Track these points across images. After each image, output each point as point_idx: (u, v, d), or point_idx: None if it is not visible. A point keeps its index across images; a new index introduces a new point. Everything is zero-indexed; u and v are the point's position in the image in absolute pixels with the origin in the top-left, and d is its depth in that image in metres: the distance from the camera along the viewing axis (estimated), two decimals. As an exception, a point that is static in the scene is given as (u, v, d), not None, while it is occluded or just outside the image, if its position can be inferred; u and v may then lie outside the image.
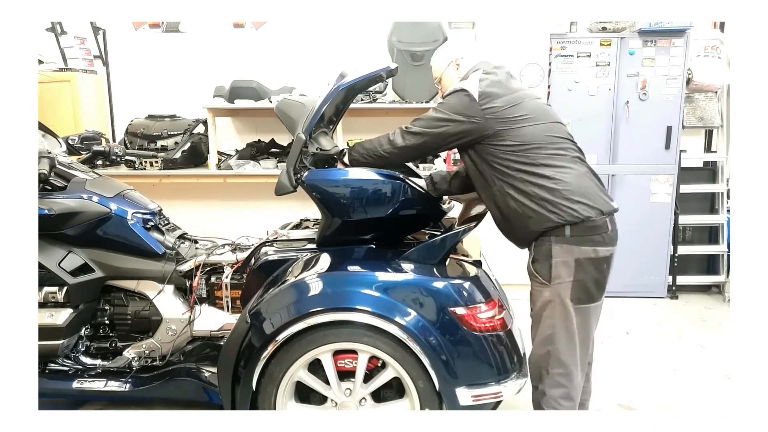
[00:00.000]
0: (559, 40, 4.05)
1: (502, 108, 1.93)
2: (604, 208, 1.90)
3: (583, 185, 1.91)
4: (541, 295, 1.95)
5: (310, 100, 2.26)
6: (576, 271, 1.88)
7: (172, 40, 4.57)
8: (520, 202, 1.92)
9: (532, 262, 1.98)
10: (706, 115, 4.37)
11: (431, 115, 2.00)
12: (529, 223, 1.93)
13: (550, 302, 1.92)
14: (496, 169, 1.96)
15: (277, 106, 2.26)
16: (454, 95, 1.98)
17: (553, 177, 1.89)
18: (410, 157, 2.15)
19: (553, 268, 1.90)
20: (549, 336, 1.94)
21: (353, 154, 2.14)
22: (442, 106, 1.99)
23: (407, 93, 4.03)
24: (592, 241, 1.88)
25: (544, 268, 1.92)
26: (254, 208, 4.41)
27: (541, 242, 1.93)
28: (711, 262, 4.49)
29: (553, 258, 1.89)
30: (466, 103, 1.94)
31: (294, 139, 2.11)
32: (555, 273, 1.90)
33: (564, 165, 1.92)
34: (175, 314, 2.40)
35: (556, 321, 1.92)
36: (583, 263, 1.88)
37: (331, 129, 2.51)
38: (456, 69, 2.17)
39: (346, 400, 2.01)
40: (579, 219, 1.85)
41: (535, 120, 1.95)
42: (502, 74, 2.04)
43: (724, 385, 2.90)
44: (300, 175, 2.10)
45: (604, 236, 1.90)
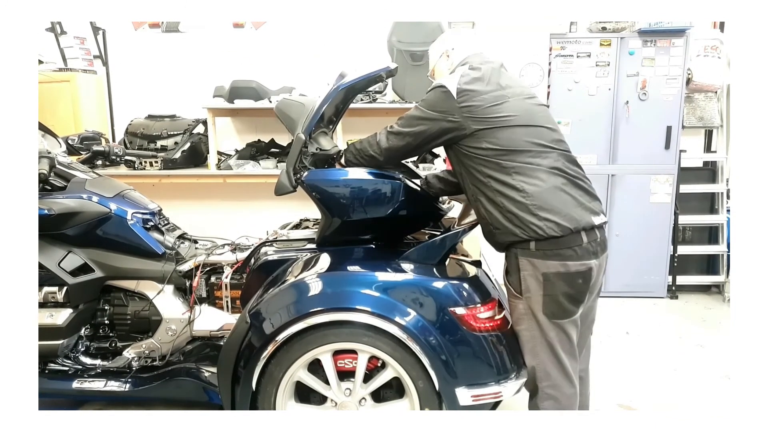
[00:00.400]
0: (559, 40, 4.05)
1: (481, 107, 1.83)
2: (578, 223, 1.78)
3: (554, 200, 1.79)
4: (516, 308, 1.91)
5: (310, 100, 2.26)
6: (545, 285, 1.81)
7: (172, 40, 4.57)
8: (489, 211, 1.87)
9: (506, 273, 1.94)
10: (705, 115, 4.37)
11: (411, 114, 1.94)
12: (495, 234, 1.89)
13: (525, 315, 1.88)
14: (470, 173, 1.90)
15: (276, 106, 2.26)
16: (432, 92, 1.91)
17: (522, 189, 1.79)
18: (398, 157, 2.09)
19: (522, 281, 1.85)
20: (531, 349, 1.89)
21: (347, 154, 2.13)
22: (422, 104, 1.93)
23: (407, 93, 4.03)
24: (560, 255, 1.78)
25: (515, 280, 1.88)
26: (254, 208, 4.42)
27: (511, 254, 1.89)
28: (711, 262, 4.49)
29: (521, 271, 1.84)
30: (442, 99, 1.86)
31: (294, 139, 2.11)
32: (525, 286, 1.84)
33: (537, 176, 1.80)
34: (175, 314, 2.40)
35: (534, 333, 1.87)
36: (551, 277, 1.79)
37: (331, 129, 2.51)
38: (446, 59, 2.11)
39: (345, 400, 2.01)
40: (542, 236, 1.77)
41: (516, 122, 1.84)
42: (489, 69, 1.92)
43: (724, 385, 2.90)
44: (300, 175, 2.10)
45: (576, 250, 1.78)
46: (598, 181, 4.16)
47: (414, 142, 1.94)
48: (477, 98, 1.84)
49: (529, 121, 1.87)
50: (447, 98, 1.86)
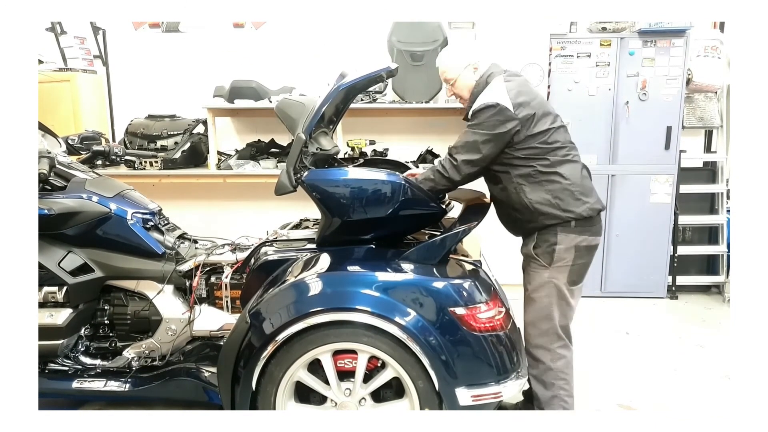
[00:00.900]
0: (559, 40, 4.05)
1: (535, 115, 2.08)
2: (600, 205, 2.18)
3: (587, 185, 2.17)
4: (540, 276, 2.16)
5: (310, 100, 2.26)
6: (575, 255, 2.13)
7: (172, 40, 4.57)
8: (536, 200, 2.10)
9: (534, 247, 2.17)
10: (705, 116, 4.37)
11: (474, 139, 2.08)
12: (539, 219, 2.12)
13: (547, 283, 2.15)
14: (516, 168, 2.12)
15: (277, 106, 2.26)
16: (487, 112, 2.06)
17: (568, 178, 2.10)
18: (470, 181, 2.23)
19: (556, 253, 2.12)
20: (547, 315, 2.16)
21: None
22: (482, 127, 2.07)
23: (407, 93, 4.04)
24: (590, 231, 2.15)
25: (547, 252, 2.14)
26: (254, 208, 4.41)
27: (547, 232, 2.13)
28: (711, 262, 4.48)
29: (558, 244, 2.12)
30: (501, 116, 2.05)
31: (294, 139, 2.11)
32: (557, 257, 2.13)
33: (574, 168, 2.14)
34: (175, 314, 2.40)
35: (552, 300, 2.15)
36: (581, 249, 2.14)
37: (331, 129, 2.51)
38: (473, 72, 2.24)
39: (345, 400, 2.01)
40: (582, 216, 2.10)
41: (555, 123, 2.14)
42: (521, 81, 2.17)
43: (724, 385, 2.90)
44: (300, 174, 2.10)
45: (598, 227, 2.19)
46: (598, 181, 4.12)
47: (484, 162, 2.13)
48: (528, 108, 2.08)
49: (560, 123, 2.18)
50: (504, 114, 2.05)
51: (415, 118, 4.47)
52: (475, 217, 2.23)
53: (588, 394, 2.73)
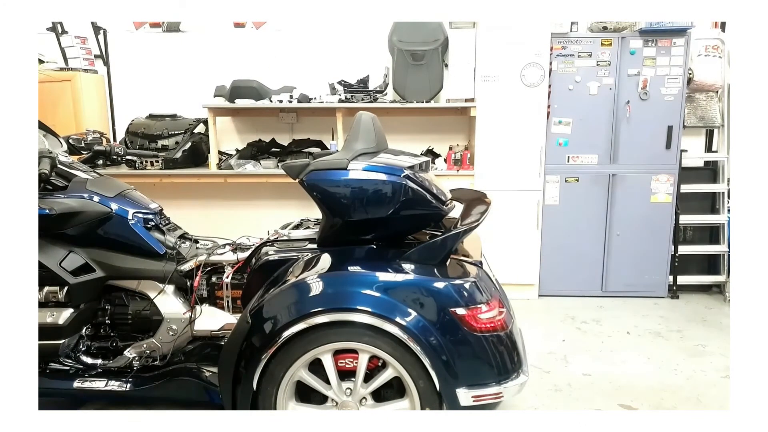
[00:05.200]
0: (560, 39, 4.05)
1: None
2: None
3: None
4: None
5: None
6: None
7: (173, 39, 4.58)
8: None
9: None
10: (706, 115, 4.37)
11: None
12: None
13: None
14: None
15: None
16: None
17: None
18: None
19: None
20: None
21: None
22: None
23: (408, 92, 4.04)
24: None
25: None
26: (255, 208, 4.42)
27: None
28: (712, 261, 4.48)
29: None
30: None
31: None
32: None
33: None
34: (176, 314, 2.40)
35: None
36: None
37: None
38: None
39: (346, 399, 2.02)
40: None
41: None
42: None
43: (724, 385, 2.90)
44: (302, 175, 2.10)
45: None
46: (598, 181, 4.18)
47: None
48: None
49: None
50: None
51: (416, 117, 4.47)
52: (476, 217, 2.23)
53: (588, 394, 2.73)
